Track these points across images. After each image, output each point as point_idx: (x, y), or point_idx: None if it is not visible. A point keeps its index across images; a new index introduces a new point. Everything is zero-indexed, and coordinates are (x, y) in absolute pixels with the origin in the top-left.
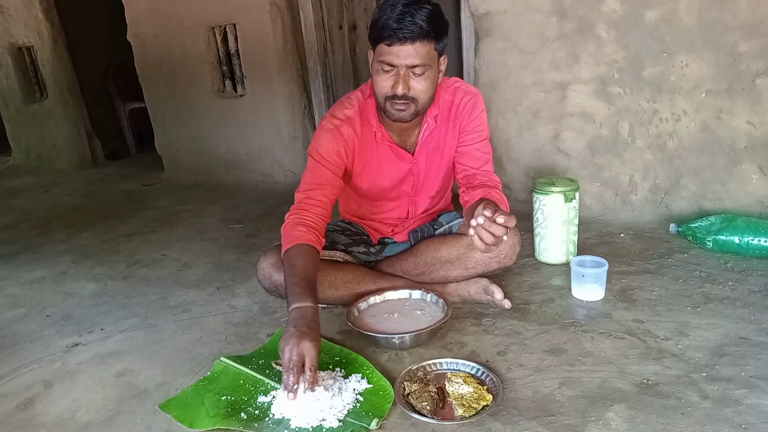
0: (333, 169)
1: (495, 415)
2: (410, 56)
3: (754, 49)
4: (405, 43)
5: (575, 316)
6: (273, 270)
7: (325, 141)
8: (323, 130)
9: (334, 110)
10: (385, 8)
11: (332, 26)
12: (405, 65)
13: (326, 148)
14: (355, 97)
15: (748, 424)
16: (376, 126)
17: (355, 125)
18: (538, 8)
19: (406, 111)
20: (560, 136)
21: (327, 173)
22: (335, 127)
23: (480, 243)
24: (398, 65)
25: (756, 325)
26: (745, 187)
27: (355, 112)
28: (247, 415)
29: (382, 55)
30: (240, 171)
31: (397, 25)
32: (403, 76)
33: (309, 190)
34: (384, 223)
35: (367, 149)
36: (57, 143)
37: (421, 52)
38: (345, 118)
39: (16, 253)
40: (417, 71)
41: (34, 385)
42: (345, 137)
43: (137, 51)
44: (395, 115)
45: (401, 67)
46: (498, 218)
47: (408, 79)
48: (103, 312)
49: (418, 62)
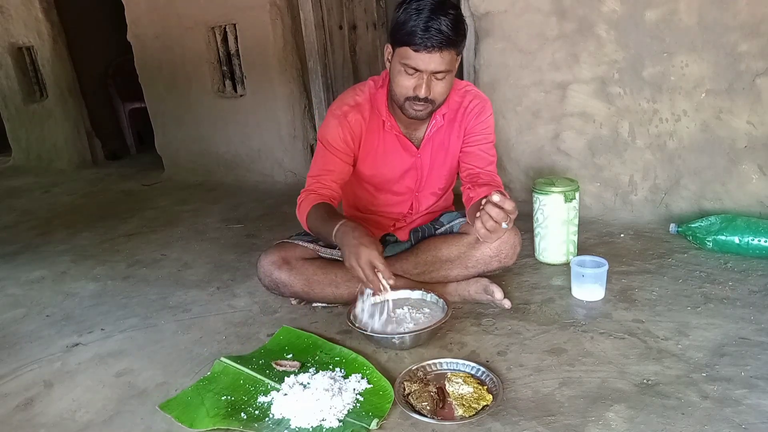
0: (340, 155)
1: (495, 415)
2: (436, 63)
3: (754, 49)
4: (432, 51)
5: (575, 316)
6: (273, 267)
7: (333, 127)
8: (332, 116)
9: (344, 96)
10: (410, 12)
11: (332, 26)
12: (430, 71)
13: (333, 134)
14: (367, 86)
15: (748, 424)
16: (385, 115)
17: (364, 111)
18: (538, 8)
19: (424, 111)
20: (560, 136)
21: (335, 159)
22: (343, 113)
23: (480, 226)
24: (423, 70)
25: (756, 325)
26: (745, 187)
27: (366, 99)
28: (247, 415)
29: (408, 58)
30: (240, 171)
31: (425, 34)
32: (426, 81)
33: (319, 175)
34: (386, 217)
35: (373, 136)
36: (57, 143)
37: (446, 60)
38: (354, 104)
39: (16, 253)
40: (439, 76)
41: (34, 385)
42: (351, 124)
43: (137, 51)
44: (412, 114)
45: (425, 72)
46: (494, 197)
47: (430, 82)
48: (103, 312)
49: (442, 68)
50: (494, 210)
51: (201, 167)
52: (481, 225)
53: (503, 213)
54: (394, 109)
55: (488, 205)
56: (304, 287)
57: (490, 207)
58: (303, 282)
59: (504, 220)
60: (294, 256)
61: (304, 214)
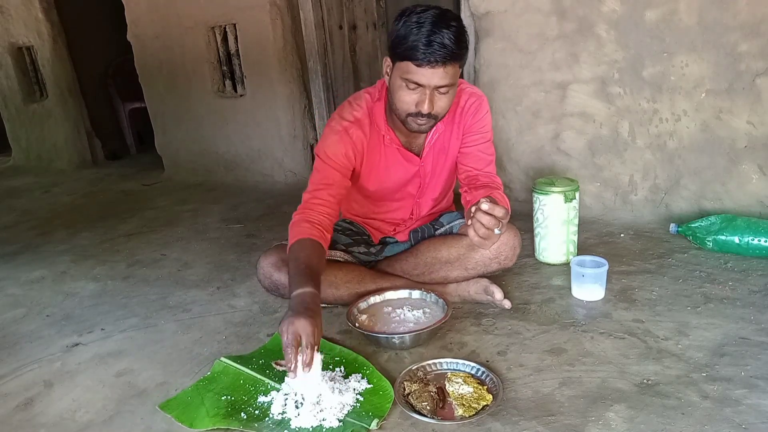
0: (340, 169)
1: (495, 415)
2: (439, 78)
3: (754, 49)
4: (435, 66)
5: (575, 316)
6: (273, 269)
7: (333, 142)
8: (331, 131)
9: (342, 111)
10: (410, 25)
11: (332, 26)
12: (433, 86)
13: (334, 149)
14: (363, 99)
15: (748, 424)
16: (384, 129)
17: (364, 127)
18: (538, 8)
19: (427, 125)
20: (560, 136)
21: (335, 174)
22: (344, 129)
23: (473, 234)
24: (426, 85)
25: (756, 325)
26: (745, 187)
27: (364, 114)
28: (247, 415)
29: (409, 73)
30: (240, 171)
31: (428, 49)
32: (429, 96)
33: (316, 190)
34: (387, 222)
35: (375, 152)
36: (57, 143)
37: (449, 74)
38: (354, 120)
39: (16, 253)
40: (442, 90)
41: (34, 385)
42: (354, 140)
43: (137, 51)
44: (415, 129)
45: (428, 87)
46: (482, 205)
47: (433, 97)
48: (103, 312)
49: (446, 83)
50: (485, 217)
51: (201, 167)
52: (473, 233)
53: (494, 219)
54: (392, 122)
55: (478, 213)
56: None
57: (481, 215)
58: None
59: (495, 226)
60: None
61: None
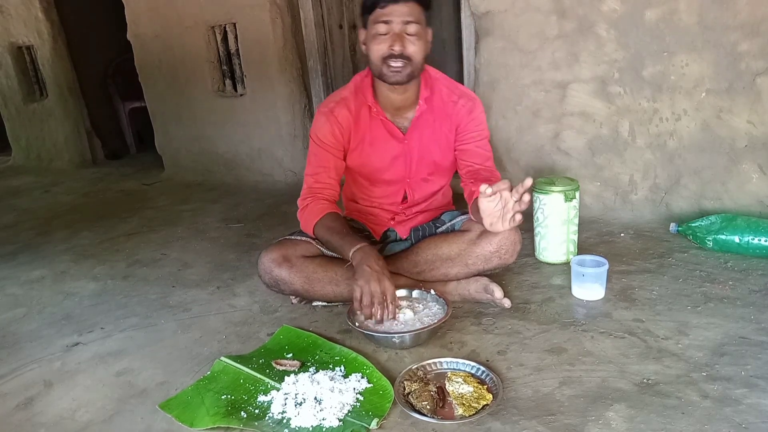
0: (332, 151)
1: (495, 415)
2: (404, 14)
3: (754, 49)
4: (398, 2)
5: (575, 315)
6: (274, 265)
7: (321, 124)
8: (319, 114)
9: (331, 95)
10: None
11: (332, 25)
12: (401, 22)
13: (323, 130)
14: (352, 80)
15: (748, 424)
16: (371, 101)
17: (350, 104)
18: (538, 8)
19: (403, 71)
20: (560, 135)
21: (328, 156)
22: (329, 110)
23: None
24: (393, 22)
25: (756, 325)
26: (745, 187)
27: (351, 92)
28: (247, 414)
29: (377, 18)
30: (240, 170)
31: None
32: (399, 35)
33: (316, 173)
34: (383, 209)
35: (361, 127)
36: (57, 143)
37: (414, 12)
38: (340, 99)
39: (16, 253)
40: (411, 30)
41: (34, 385)
42: (339, 119)
43: (137, 50)
44: (392, 78)
45: (396, 25)
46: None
47: (403, 38)
48: (103, 311)
49: (412, 19)
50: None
51: (201, 167)
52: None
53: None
54: (379, 94)
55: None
56: (304, 285)
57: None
58: (303, 279)
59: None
60: (294, 254)
61: (312, 221)
